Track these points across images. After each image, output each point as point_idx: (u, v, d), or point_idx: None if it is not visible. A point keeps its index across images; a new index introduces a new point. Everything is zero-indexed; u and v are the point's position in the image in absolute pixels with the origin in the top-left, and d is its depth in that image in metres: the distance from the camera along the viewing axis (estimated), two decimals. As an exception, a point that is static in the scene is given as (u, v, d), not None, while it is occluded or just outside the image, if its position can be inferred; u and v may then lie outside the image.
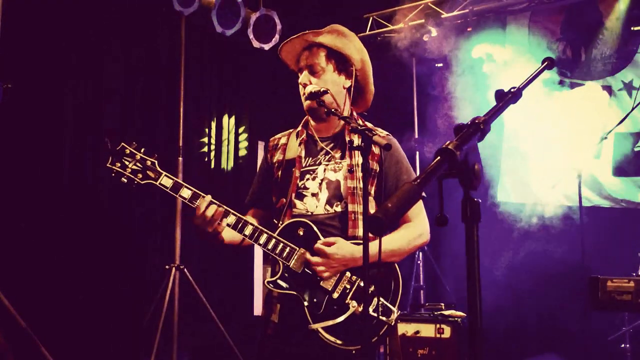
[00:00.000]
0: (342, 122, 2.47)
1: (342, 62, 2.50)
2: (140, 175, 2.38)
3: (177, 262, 4.51)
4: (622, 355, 4.64)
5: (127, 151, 2.40)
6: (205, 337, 4.97)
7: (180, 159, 4.69)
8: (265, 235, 2.35)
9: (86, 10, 4.73)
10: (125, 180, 2.37)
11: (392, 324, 2.33)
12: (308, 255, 2.31)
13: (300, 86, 2.50)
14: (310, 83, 2.44)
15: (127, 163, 2.38)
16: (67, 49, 4.66)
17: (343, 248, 2.30)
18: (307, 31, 2.50)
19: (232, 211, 2.37)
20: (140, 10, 5.09)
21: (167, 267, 4.47)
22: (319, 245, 2.30)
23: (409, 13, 6.42)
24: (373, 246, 2.14)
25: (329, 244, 2.30)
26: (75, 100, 4.75)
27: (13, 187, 4.26)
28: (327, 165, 2.46)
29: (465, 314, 4.50)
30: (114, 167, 2.38)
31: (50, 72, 4.55)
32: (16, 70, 4.25)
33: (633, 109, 5.47)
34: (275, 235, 2.36)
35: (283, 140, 2.63)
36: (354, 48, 2.53)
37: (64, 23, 4.61)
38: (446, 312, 4.86)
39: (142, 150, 2.41)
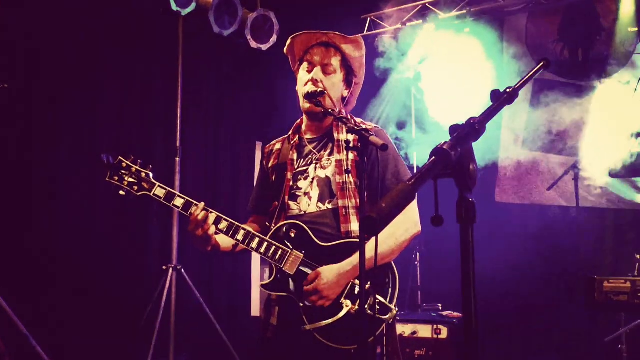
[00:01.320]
0: (331, 121, 2.52)
1: (350, 74, 2.60)
2: (136, 187, 2.48)
3: (174, 262, 4.51)
4: (618, 356, 4.64)
5: (124, 164, 2.50)
6: (203, 337, 4.96)
7: (178, 159, 4.69)
8: (257, 239, 2.39)
9: (82, 11, 4.72)
10: (123, 193, 2.48)
11: (390, 322, 2.33)
12: (306, 297, 2.31)
13: (305, 80, 2.51)
14: (321, 81, 2.48)
15: (124, 176, 2.49)
16: (64, 49, 4.65)
17: (328, 276, 2.31)
18: (336, 32, 2.56)
19: (224, 217, 2.42)
20: (137, 10, 5.08)
21: (164, 267, 4.46)
22: (307, 287, 2.31)
23: (406, 14, 6.42)
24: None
25: (314, 278, 2.31)
26: (72, 100, 4.74)
27: (10, 189, 4.25)
28: (317, 163, 2.49)
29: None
30: (112, 181, 2.48)
31: (46, 72, 4.53)
32: (13, 71, 4.25)
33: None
34: (267, 238, 2.39)
35: (277, 146, 2.69)
36: (361, 64, 2.62)
37: (60, 23, 4.60)
38: (443, 313, 4.87)
39: (139, 162, 2.51)
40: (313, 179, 2.47)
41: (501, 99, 1.39)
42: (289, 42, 2.62)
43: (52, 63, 4.58)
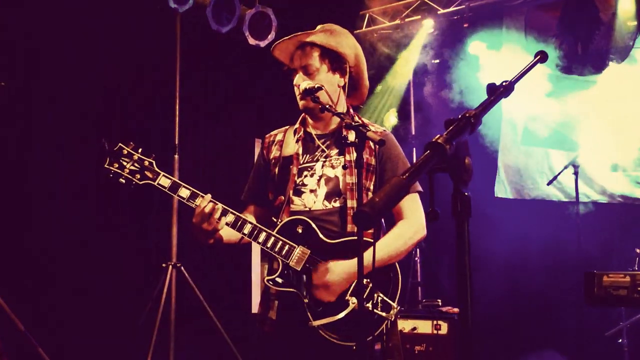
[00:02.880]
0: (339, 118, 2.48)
1: (336, 61, 2.50)
2: (138, 176, 2.37)
3: (174, 259, 4.50)
4: (619, 351, 4.64)
5: (125, 151, 2.38)
6: (203, 335, 4.96)
7: (176, 156, 4.68)
8: (264, 234, 2.36)
9: (80, 9, 4.71)
10: (124, 181, 2.36)
11: (392, 319, 2.33)
12: (314, 291, 2.30)
13: (295, 87, 2.49)
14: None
15: (125, 163, 2.37)
16: (62, 47, 4.64)
17: (337, 272, 2.30)
18: (298, 32, 2.50)
19: (230, 210, 2.37)
20: (135, 7, 5.07)
21: (163, 265, 4.45)
22: (315, 280, 2.30)
23: (405, 9, 6.41)
24: (370, 254, 2.08)
25: (324, 273, 2.30)
26: (71, 98, 4.73)
27: (9, 189, 4.25)
28: (325, 161, 2.46)
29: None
30: (111, 168, 2.37)
31: (45, 71, 4.53)
32: (12, 70, 4.24)
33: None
34: (274, 233, 2.37)
35: (279, 137, 2.63)
36: (347, 45, 2.52)
37: (58, 22, 4.59)
38: (443, 309, 4.87)
39: (140, 150, 2.40)
40: (320, 176, 2.44)
41: (497, 92, 1.38)
42: (274, 55, 2.59)
43: (51, 62, 4.57)
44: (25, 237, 4.30)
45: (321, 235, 2.36)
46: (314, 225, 2.37)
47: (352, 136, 2.37)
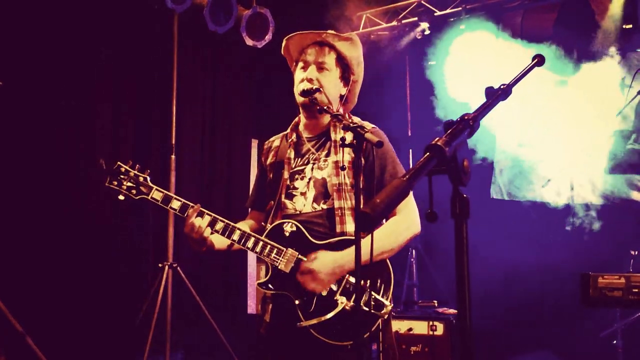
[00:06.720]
0: (329, 120, 2.52)
1: (346, 71, 2.59)
2: (134, 191, 2.56)
3: (170, 260, 4.50)
4: (613, 352, 4.67)
5: (122, 169, 2.57)
6: (198, 335, 4.97)
7: (173, 157, 4.68)
8: (252, 239, 2.42)
9: (77, 9, 4.71)
10: (123, 198, 2.56)
11: (385, 317, 2.34)
12: (298, 276, 2.34)
13: (300, 78, 2.52)
14: (316, 79, 2.48)
15: (123, 181, 2.56)
16: (58, 48, 4.63)
17: (324, 262, 2.32)
18: (330, 31, 2.56)
19: (220, 218, 2.46)
20: (132, 7, 5.07)
21: (160, 265, 4.46)
22: (303, 265, 2.33)
23: (402, 11, 6.43)
24: (363, 247, 2.11)
25: (312, 260, 2.33)
26: (68, 98, 4.73)
27: (8, 188, 4.24)
28: (314, 164, 2.50)
29: (458, 311, 4.51)
30: (111, 186, 2.56)
31: (41, 71, 4.52)
32: (6, 70, 4.23)
33: (625, 106, 5.51)
34: (262, 238, 2.42)
35: (276, 143, 2.70)
36: (358, 62, 2.61)
37: (55, 21, 4.59)
38: (439, 310, 4.89)
39: (137, 167, 2.58)
40: (310, 179, 2.48)
41: (495, 95, 1.40)
42: (283, 43, 2.63)
43: (46, 61, 4.56)
44: (23, 236, 4.29)
45: (309, 237, 2.39)
46: (302, 228, 2.40)
47: (349, 137, 2.39)
